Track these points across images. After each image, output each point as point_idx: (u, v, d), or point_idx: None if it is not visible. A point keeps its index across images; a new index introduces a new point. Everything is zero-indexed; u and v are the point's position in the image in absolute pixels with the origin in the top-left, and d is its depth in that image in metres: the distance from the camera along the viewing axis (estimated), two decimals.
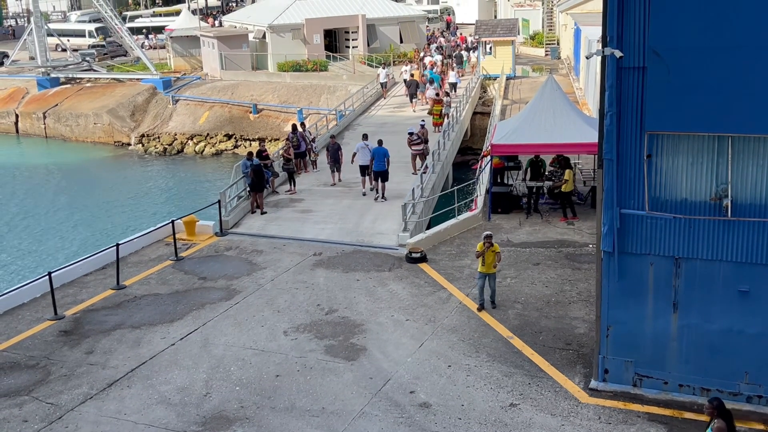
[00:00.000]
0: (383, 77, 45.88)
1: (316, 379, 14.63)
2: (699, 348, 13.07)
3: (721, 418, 10.35)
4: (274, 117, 49.40)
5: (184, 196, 39.91)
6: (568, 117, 23.18)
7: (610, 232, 12.99)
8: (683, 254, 12.77)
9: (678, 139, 12.45)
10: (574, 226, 22.69)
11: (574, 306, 17.32)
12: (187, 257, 21.49)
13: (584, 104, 39.19)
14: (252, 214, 24.87)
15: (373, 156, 25.75)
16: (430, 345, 15.71)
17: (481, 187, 25.84)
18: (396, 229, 22.51)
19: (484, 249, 16.82)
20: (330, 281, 19.27)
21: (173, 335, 16.66)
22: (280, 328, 16.81)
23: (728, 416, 10.41)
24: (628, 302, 13.28)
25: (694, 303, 12.92)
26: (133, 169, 46.65)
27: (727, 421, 10.31)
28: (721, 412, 10.39)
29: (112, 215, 36.90)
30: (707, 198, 12.48)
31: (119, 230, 33.12)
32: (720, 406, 10.41)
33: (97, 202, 39.12)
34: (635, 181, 12.78)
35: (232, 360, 15.46)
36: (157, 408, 13.86)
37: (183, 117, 51.55)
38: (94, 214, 37.15)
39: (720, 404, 10.43)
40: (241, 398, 14.06)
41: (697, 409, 12.99)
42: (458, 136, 36.24)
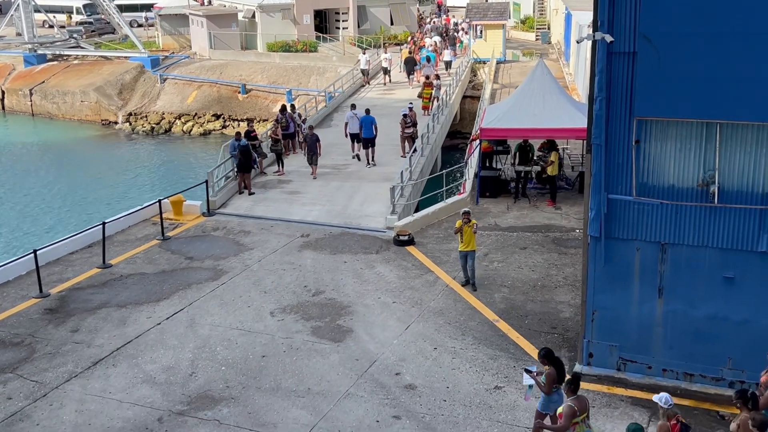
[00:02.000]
0: (364, 63, 43.13)
1: (302, 360, 14.65)
2: (683, 333, 13.17)
3: (552, 365, 11.15)
4: (263, 97, 49.14)
5: (171, 175, 39.69)
6: (558, 102, 23.18)
7: (597, 217, 13.03)
8: (669, 240, 12.84)
9: (666, 125, 12.48)
10: (561, 210, 22.75)
11: (560, 290, 17.40)
12: (173, 237, 21.42)
13: (574, 89, 39.18)
14: (239, 195, 24.79)
15: (362, 124, 27.51)
16: (417, 327, 15.75)
17: (470, 171, 25.85)
18: (384, 212, 22.50)
19: (462, 225, 16.92)
20: (317, 263, 19.26)
21: (159, 315, 16.63)
22: (267, 309, 16.81)
23: (559, 364, 11.24)
24: (613, 287, 13.36)
25: (679, 289, 13.00)
26: (120, 147, 46.35)
27: (557, 367, 11.16)
28: (551, 360, 11.18)
29: (98, 194, 36.67)
30: (694, 184, 12.54)
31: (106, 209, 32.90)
32: (548, 354, 11.24)
33: (84, 181, 38.87)
34: (623, 167, 12.81)
35: (218, 340, 15.46)
36: (143, 387, 13.85)
37: (171, 96, 51.19)
38: (81, 193, 36.92)
39: (548, 352, 11.26)
40: (226, 378, 14.07)
41: (680, 394, 13.11)
42: (447, 119, 36.17)
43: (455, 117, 41.46)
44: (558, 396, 11.18)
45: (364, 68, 43.16)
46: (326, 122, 35.27)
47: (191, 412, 13.06)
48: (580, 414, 10.40)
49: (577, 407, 10.36)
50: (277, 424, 12.70)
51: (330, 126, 34.58)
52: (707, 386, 13.24)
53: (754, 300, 12.63)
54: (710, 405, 12.95)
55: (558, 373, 11.13)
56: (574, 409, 10.33)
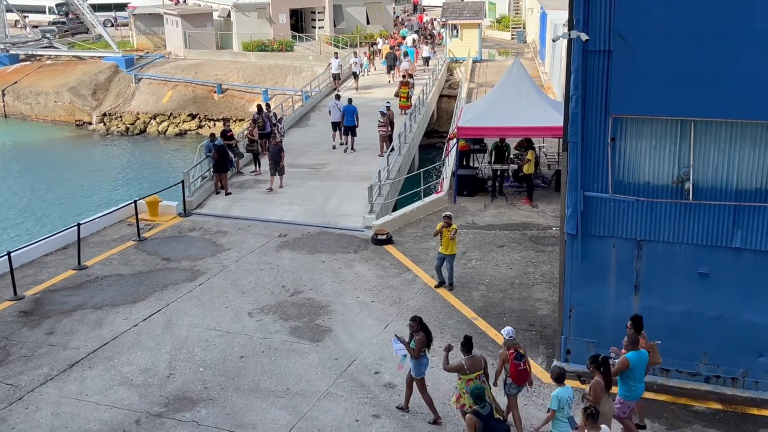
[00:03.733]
0: (336, 67, 41.32)
1: (281, 360, 14.61)
2: (659, 329, 13.23)
3: (422, 331, 12.31)
4: (238, 97, 48.93)
5: (146, 176, 39.42)
6: (534, 100, 23.29)
7: (573, 215, 13.11)
8: (645, 237, 12.95)
9: (642, 123, 12.58)
10: (538, 208, 22.87)
11: (537, 288, 17.49)
12: (149, 238, 21.27)
13: (549, 88, 39.41)
14: (216, 195, 24.67)
15: (344, 113, 29.07)
16: (396, 326, 15.75)
17: (447, 170, 25.90)
18: (362, 211, 22.49)
19: (442, 228, 16.95)
20: (295, 263, 19.21)
21: (136, 316, 16.50)
22: (245, 309, 16.74)
23: (427, 330, 12.39)
24: (590, 284, 13.44)
25: (655, 285, 13.12)
26: (95, 148, 45.96)
27: (426, 333, 12.35)
28: (420, 326, 12.33)
29: (73, 195, 36.33)
30: (669, 181, 12.65)
31: (80, 210, 32.60)
32: (418, 321, 12.41)
33: (58, 182, 38.48)
34: (599, 164, 12.90)
35: (195, 341, 15.37)
36: (120, 389, 13.74)
37: (146, 96, 50.83)
38: (55, 194, 36.54)
39: (418, 319, 12.44)
40: (204, 379, 13.99)
41: (657, 389, 13.23)
42: (424, 118, 36.26)
43: (432, 116, 41.54)
44: (426, 360, 12.41)
45: (335, 72, 41.53)
46: (303, 121, 35.21)
47: (169, 414, 12.97)
48: (471, 372, 11.54)
49: (468, 365, 11.57)
50: (256, 425, 12.64)
51: (307, 125, 34.55)
52: (683, 381, 13.37)
53: (729, 295, 12.77)
54: (687, 400, 13.08)
55: (428, 338, 12.34)
56: (462, 365, 11.57)
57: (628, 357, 11.43)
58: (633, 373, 11.45)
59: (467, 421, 10.52)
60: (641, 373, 11.57)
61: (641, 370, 11.55)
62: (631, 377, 11.49)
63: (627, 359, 11.41)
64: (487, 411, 10.47)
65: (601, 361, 10.97)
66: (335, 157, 28.75)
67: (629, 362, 11.39)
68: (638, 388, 11.59)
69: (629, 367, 11.39)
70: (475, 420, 10.36)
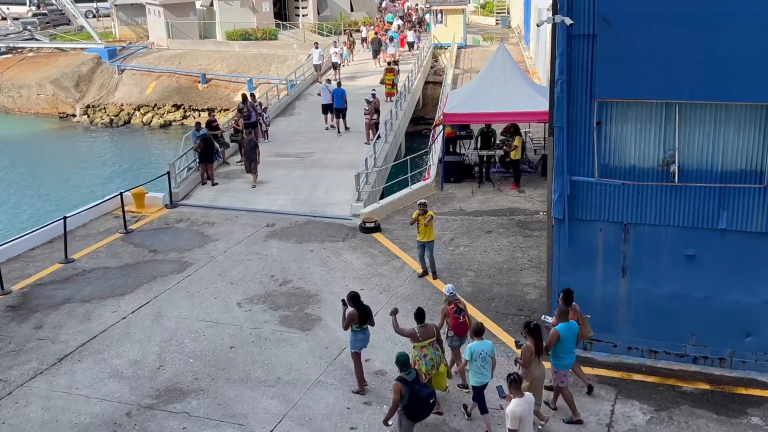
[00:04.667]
0: (317, 58, 40.45)
1: (271, 349, 14.63)
2: (647, 311, 13.38)
3: (355, 307, 12.74)
4: (223, 87, 48.70)
5: (132, 167, 39.21)
6: (519, 86, 23.31)
7: (560, 199, 13.16)
8: (632, 220, 13.01)
9: (627, 107, 12.63)
10: (525, 194, 22.92)
11: (525, 273, 17.57)
12: (136, 230, 21.20)
13: (534, 73, 39.44)
14: (202, 186, 24.59)
15: (333, 96, 29.70)
16: (385, 314, 15.77)
17: (434, 157, 25.92)
18: (349, 199, 22.48)
19: (418, 216, 16.96)
20: (283, 252, 19.20)
21: (124, 309, 16.47)
22: (234, 299, 16.73)
23: (361, 306, 12.86)
24: (578, 268, 13.52)
25: (642, 268, 13.20)
26: (79, 140, 45.64)
27: (360, 309, 12.79)
28: (355, 302, 12.75)
29: (58, 188, 36.11)
30: (655, 164, 12.71)
31: (66, 203, 32.41)
32: (352, 297, 12.82)
33: (43, 175, 38.22)
34: (585, 149, 12.94)
35: (185, 332, 15.36)
36: (110, 382, 13.72)
37: (129, 87, 50.50)
38: (40, 188, 36.31)
39: (352, 296, 12.85)
40: (195, 370, 14.00)
41: (645, 371, 13.35)
42: (410, 105, 36.22)
43: (418, 103, 41.52)
44: (363, 335, 12.94)
45: (316, 63, 40.73)
46: (288, 110, 35.11)
47: (160, 406, 12.97)
48: (424, 339, 12.15)
49: (420, 333, 12.18)
50: (248, 415, 12.67)
51: (292, 114, 34.45)
52: (671, 362, 13.49)
53: (715, 276, 12.88)
54: (675, 381, 13.20)
55: (361, 314, 12.72)
56: (415, 331, 12.19)
57: (558, 329, 11.93)
58: (562, 343, 11.92)
59: (393, 387, 11.00)
60: (571, 343, 12.05)
61: (571, 340, 12.03)
62: (560, 348, 11.95)
63: (557, 331, 11.90)
64: (412, 377, 10.98)
65: (533, 328, 11.57)
66: (322, 145, 28.70)
67: (559, 334, 11.88)
68: (568, 357, 12.07)
69: (560, 339, 11.87)
70: (401, 386, 10.85)
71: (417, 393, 10.86)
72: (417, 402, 10.88)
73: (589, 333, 12.79)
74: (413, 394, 10.85)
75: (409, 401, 10.85)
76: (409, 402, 10.86)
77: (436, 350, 12.29)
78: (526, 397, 10.38)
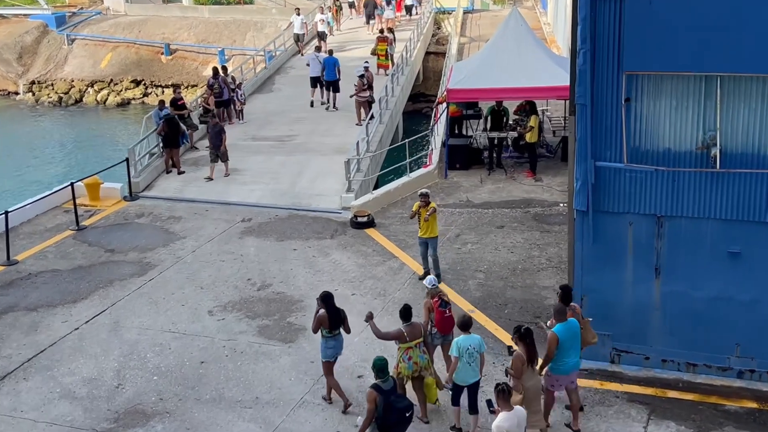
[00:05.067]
0: (299, 27, 39.91)
1: (248, 364, 14.64)
2: (684, 318, 13.40)
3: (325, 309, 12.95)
4: (190, 59, 48.64)
5: (84, 154, 39.16)
6: (535, 56, 23.31)
7: (583, 189, 13.16)
8: (666, 212, 13.03)
9: (661, 80, 12.62)
10: (542, 182, 22.95)
11: (543, 273, 17.60)
12: (90, 226, 21.18)
13: (553, 42, 39.46)
14: (167, 175, 24.58)
15: (324, 66, 29.80)
16: (381, 322, 15.68)
17: (436, 140, 25.91)
18: (338, 190, 22.48)
19: (419, 208, 16.96)
20: (262, 251, 19.21)
21: (77, 318, 16.46)
22: (204, 307, 16.74)
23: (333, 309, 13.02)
24: (604, 268, 13.53)
25: (678, 267, 13.22)
26: (23, 122, 45.54)
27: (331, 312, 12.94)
28: (325, 303, 12.98)
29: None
30: (693, 147, 12.72)
31: (8, 196, 32.35)
32: (323, 298, 13.07)
33: None
34: (612, 129, 12.94)
35: (148, 345, 15.36)
36: (60, 403, 13.71)
37: (81, 60, 50.38)
38: None
39: (324, 296, 13.10)
40: (159, 389, 14.00)
41: (683, 387, 13.39)
42: (408, 80, 36.20)
43: (418, 77, 41.49)
44: (335, 342, 13.12)
45: (298, 32, 40.19)
46: (267, 86, 35.08)
47: (119, 430, 12.97)
48: (411, 339, 12.47)
49: (407, 332, 12.48)
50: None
51: (272, 91, 34.43)
52: (713, 377, 13.53)
53: (763, 277, 12.90)
54: (717, 398, 13.22)
55: (331, 318, 12.89)
56: (402, 332, 12.49)
57: (555, 331, 11.99)
58: (562, 346, 11.97)
59: (367, 396, 11.08)
60: (573, 346, 12.13)
61: (572, 342, 12.11)
62: (560, 351, 12.00)
63: (555, 334, 11.96)
64: (389, 386, 11.07)
65: (524, 333, 11.61)
66: (306, 127, 28.69)
67: (558, 336, 11.93)
68: (568, 362, 12.12)
69: (559, 342, 11.92)
70: (375, 394, 10.90)
71: (392, 404, 10.93)
72: (392, 414, 10.93)
73: (592, 339, 12.86)
74: (388, 405, 10.89)
75: (384, 413, 10.90)
76: (383, 414, 10.91)
77: (423, 353, 12.59)
78: (515, 411, 10.45)
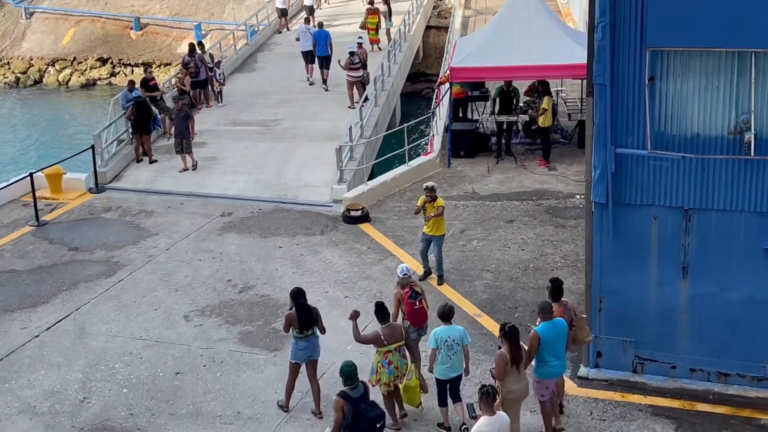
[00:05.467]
0: (281, 1, 39.71)
1: (229, 375, 14.65)
2: (715, 322, 13.41)
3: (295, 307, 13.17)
4: (163, 34, 48.52)
5: (45, 141, 39.13)
6: (549, 31, 23.30)
7: (602, 178, 13.16)
8: (695, 204, 13.02)
9: (688, 57, 12.61)
10: (556, 171, 22.96)
11: (557, 274, 17.53)
12: (52, 222, 21.18)
13: (568, 14, 39.44)
14: (137, 164, 24.58)
15: (315, 40, 30.45)
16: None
17: (438, 124, 25.91)
18: (329, 180, 22.49)
19: (424, 203, 16.95)
20: (244, 249, 19.22)
21: (37, 324, 16.46)
22: (180, 311, 16.75)
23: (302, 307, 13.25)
24: (625, 267, 13.54)
25: (708, 266, 13.21)
26: None
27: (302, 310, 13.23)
28: (295, 300, 13.23)
29: None
30: (725, 132, 12.72)
31: None
32: (293, 295, 13.38)
33: None
34: (634, 112, 12.93)
35: (116, 354, 15.37)
36: (19, 419, 13.72)
37: (41, 36, 50.27)
38: None
39: (295, 293, 13.40)
40: (129, 403, 14.01)
41: (713, 399, 13.41)
42: (407, 57, 36.17)
43: (417, 54, 41.43)
44: (306, 343, 13.29)
45: (281, 7, 39.99)
46: (249, 65, 35.05)
47: None
48: (390, 343, 12.76)
49: (385, 335, 12.76)
50: None
51: (254, 70, 34.40)
52: (747, 388, 13.54)
53: None
54: (751, 412, 13.25)
55: (301, 316, 13.14)
56: (378, 334, 12.77)
57: (537, 330, 12.23)
58: (547, 347, 12.18)
59: (334, 404, 11.19)
60: (559, 347, 12.32)
61: (558, 343, 12.30)
62: (545, 352, 12.21)
63: (536, 333, 12.19)
64: (358, 393, 11.16)
65: (509, 331, 11.81)
66: (292, 110, 28.67)
67: (539, 336, 12.15)
68: (554, 366, 12.34)
69: (540, 341, 12.13)
70: (343, 403, 10.99)
71: (362, 413, 11.00)
72: (362, 424, 11.01)
73: (587, 338, 13.18)
74: (358, 413, 10.98)
75: (353, 423, 10.98)
76: (352, 423, 11.01)
77: (403, 357, 12.89)
78: (497, 417, 10.65)
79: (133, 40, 48.79)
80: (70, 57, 48.99)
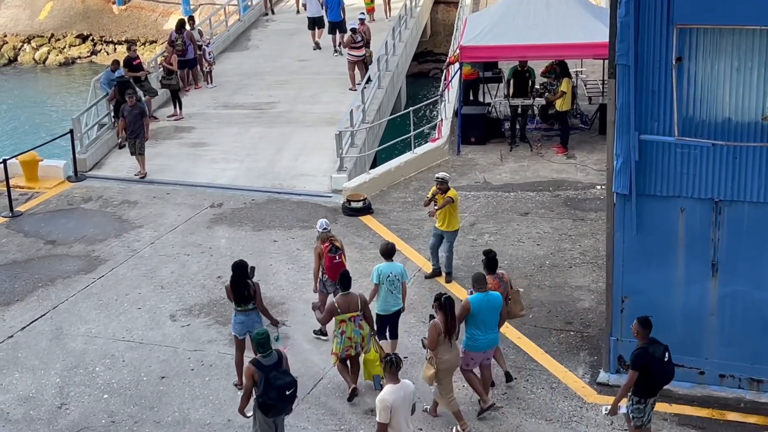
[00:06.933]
0: None
1: (219, 380, 14.67)
2: (747, 324, 13.40)
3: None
4: (148, 9, 48.50)
5: (20, 125, 39.16)
6: (567, 7, 23.29)
7: (625, 168, 13.15)
8: (726, 196, 13.00)
9: (719, 36, 12.59)
10: (575, 159, 22.94)
11: (576, 271, 17.62)
12: (27, 212, 21.21)
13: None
14: (120, 150, 24.54)
15: (326, 4, 31.30)
16: None
17: (447, 108, 25.89)
18: (328, 169, 22.49)
19: (435, 195, 16.92)
20: (235, 243, 19.24)
21: (11, 324, 16.49)
22: (166, 310, 16.78)
23: (240, 283, 13.99)
24: (649, 264, 13.54)
25: (740, 263, 13.20)
26: None
27: (235, 286, 14.06)
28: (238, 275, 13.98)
29: None
30: (759, 117, 12.70)
31: None
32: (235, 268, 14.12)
33: None
34: (660, 96, 12.92)
35: (97, 357, 15.39)
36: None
37: (15, 11, 50.29)
38: None
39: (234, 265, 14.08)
40: (111, 410, 14.03)
41: (745, 408, 13.40)
42: (413, 35, 36.11)
43: (424, 32, 41.36)
44: (245, 317, 13.95)
45: None
46: (241, 43, 35.02)
47: None
48: (345, 312, 13.49)
49: (340, 303, 13.54)
50: None
51: (247, 48, 34.39)
52: None
53: None
54: None
55: (236, 291, 13.93)
56: (334, 305, 13.58)
57: (470, 299, 13.04)
58: (477, 319, 12.95)
59: (245, 372, 11.91)
60: (491, 320, 13.11)
61: (490, 316, 13.06)
62: (474, 324, 12.99)
63: (468, 302, 13.01)
64: (271, 361, 11.71)
65: (445, 302, 12.56)
66: (288, 92, 28.65)
67: (470, 305, 12.93)
68: (484, 339, 13.09)
69: (471, 311, 12.92)
70: (254, 370, 11.60)
71: (272, 380, 11.50)
72: (272, 392, 11.55)
73: (520, 311, 14.00)
74: (268, 382, 11.52)
75: (264, 391, 11.56)
76: (263, 392, 11.58)
77: (359, 328, 13.62)
78: (402, 384, 11.15)
79: (115, 15, 48.76)
80: (48, 33, 48.94)
